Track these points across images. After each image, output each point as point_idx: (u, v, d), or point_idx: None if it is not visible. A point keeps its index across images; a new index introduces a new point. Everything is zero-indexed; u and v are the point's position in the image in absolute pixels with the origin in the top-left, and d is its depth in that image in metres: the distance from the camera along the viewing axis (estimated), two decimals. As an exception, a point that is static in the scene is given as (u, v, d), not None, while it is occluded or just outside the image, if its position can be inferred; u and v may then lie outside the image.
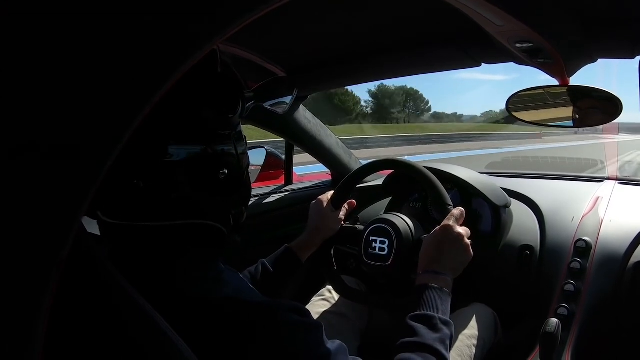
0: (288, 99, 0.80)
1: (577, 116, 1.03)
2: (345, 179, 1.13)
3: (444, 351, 0.68)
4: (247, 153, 0.64)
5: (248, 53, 1.09)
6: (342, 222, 1.11)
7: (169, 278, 0.55)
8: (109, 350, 0.42)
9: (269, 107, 0.75)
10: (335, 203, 1.08)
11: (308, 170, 1.67)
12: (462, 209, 0.91)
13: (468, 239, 0.86)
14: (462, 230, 0.86)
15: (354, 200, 1.12)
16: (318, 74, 1.25)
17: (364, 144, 16.81)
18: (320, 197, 1.08)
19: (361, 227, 1.10)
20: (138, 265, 0.55)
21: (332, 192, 1.10)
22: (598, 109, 1.00)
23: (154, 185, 0.53)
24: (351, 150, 1.68)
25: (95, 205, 0.55)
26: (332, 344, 0.59)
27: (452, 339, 0.73)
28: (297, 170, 1.74)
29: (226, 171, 0.58)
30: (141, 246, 0.56)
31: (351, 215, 1.14)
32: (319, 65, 1.20)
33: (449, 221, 0.87)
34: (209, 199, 0.57)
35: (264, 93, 0.71)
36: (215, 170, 0.57)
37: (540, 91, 1.04)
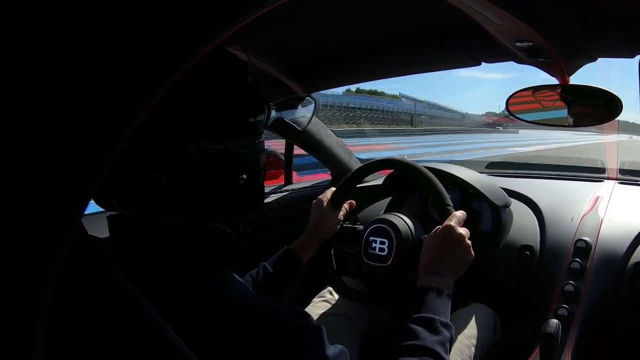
0: (309, 114, 0.83)
1: (577, 115, 1.03)
2: (345, 179, 1.12)
3: (444, 354, 0.69)
4: (265, 151, 0.65)
5: (266, 65, 1.09)
6: (342, 222, 1.11)
7: (175, 279, 0.55)
8: (109, 351, 0.42)
9: (290, 122, 0.78)
10: (335, 203, 1.08)
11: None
12: (463, 211, 0.91)
13: (468, 239, 0.86)
14: (463, 231, 0.86)
15: (353, 201, 1.12)
16: (318, 74, 1.25)
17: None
18: (320, 196, 1.08)
19: (361, 227, 1.09)
20: (144, 265, 0.55)
21: (332, 191, 1.10)
22: (597, 108, 1.00)
23: (174, 181, 0.54)
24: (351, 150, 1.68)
25: (111, 194, 0.55)
26: (334, 349, 0.59)
27: (452, 341, 0.73)
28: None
29: (245, 177, 0.59)
30: (150, 243, 0.56)
31: (351, 215, 1.14)
32: (319, 64, 1.20)
33: (451, 222, 0.87)
34: (226, 201, 0.58)
35: (286, 107, 0.75)
36: (235, 174, 0.58)
37: (540, 90, 1.04)
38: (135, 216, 0.56)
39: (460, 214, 0.90)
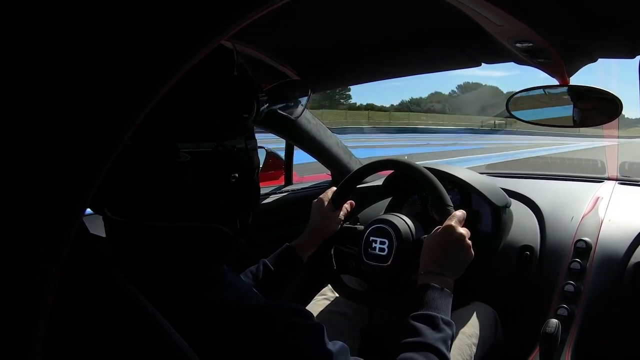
0: (302, 102, 0.80)
1: (577, 116, 1.03)
2: (345, 179, 1.13)
3: (445, 351, 0.69)
4: (257, 150, 0.63)
5: (256, 51, 1.09)
6: (342, 222, 1.11)
7: (172, 280, 0.55)
8: (110, 351, 0.42)
9: (282, 112, 0.74)
10: (336, 202, 1.08)
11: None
12: (463, 211, 0.91)
13: (469, 239, 0.86)
14: (464, 230, 0.86)
15: (353, 201, 1.13)
16: (320, 74, 1.25)
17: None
18: (321, 196, 1.09)
19: (361, 227, 1.09)
20: (141, 266, 0.55)
21: (333, 190, 1.10)
22: (598, 109, 1.00)
23: (164, 186, 0.53)
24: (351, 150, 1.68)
25: (102, 201, 0.55)
26: (334, 345, 0.59)
27: (453, 339, 0.74)
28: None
29: (237, 175, 0.57)
30: (145, 247, 0.56)
31: (351, 215, 1.14)
32: (321, 65, 1.20)
33: (451, 222, 0.87)
34: (218, 202, 0.57)
35: (277, 96, 0.71)
36: (226, 173, 0.57)
37: (540, 91, 1.04)
38: (129, 221, 0.55)
39: (460, 213, 0.90)
